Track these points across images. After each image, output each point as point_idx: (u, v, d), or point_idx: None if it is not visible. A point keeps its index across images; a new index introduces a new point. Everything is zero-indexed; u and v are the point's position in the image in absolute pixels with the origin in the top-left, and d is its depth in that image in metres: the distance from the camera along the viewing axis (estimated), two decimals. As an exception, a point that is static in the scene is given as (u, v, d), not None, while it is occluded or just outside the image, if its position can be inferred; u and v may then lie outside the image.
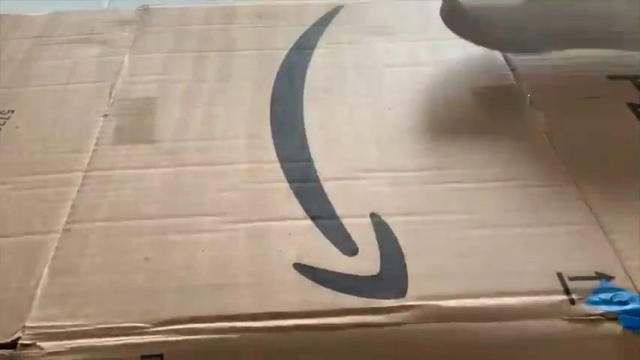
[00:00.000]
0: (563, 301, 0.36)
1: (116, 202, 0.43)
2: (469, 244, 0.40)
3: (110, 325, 0.35)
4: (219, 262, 0.39)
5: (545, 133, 0.48)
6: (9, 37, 0.62)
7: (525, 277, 0.38)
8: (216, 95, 0.54)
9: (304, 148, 0.48)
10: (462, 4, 0.53)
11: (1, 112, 0.52)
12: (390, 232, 0.41)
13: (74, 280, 0.38)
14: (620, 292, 0.36)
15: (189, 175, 0.46)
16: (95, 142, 0.49)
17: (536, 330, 0.35)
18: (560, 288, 0.37)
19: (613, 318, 0.35)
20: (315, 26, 0.63)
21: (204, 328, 0.35)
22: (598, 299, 0.36)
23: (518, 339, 0.35)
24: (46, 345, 0.34)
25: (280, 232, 0.41)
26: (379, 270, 0.39)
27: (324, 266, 0.39)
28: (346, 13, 0.65)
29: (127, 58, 0.59)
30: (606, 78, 0.54)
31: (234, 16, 0.65)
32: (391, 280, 0.38)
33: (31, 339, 0.34)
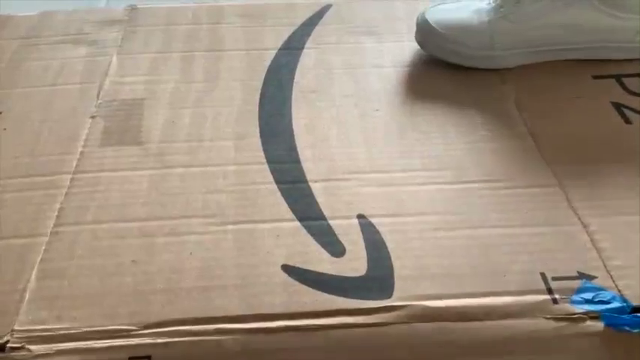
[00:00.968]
0: (546, 301, 0.37)
1: (103, 204, 0.43)
2: (454, 244, 0.40)
3: (98, 328, 0.35)
4: (206, 264, 0.39)
5: (530, 134, 0.49)
6: (-4, 37, 0.62)
7: (509, 278, 0.38)
8: (205, 96, 0.54)
9: (292, 149, 0.48)
10: (434, 26, 0.54)
11: (-12, 114, 0.52)
12: (377, 232, 0.42)
13: (62, 284, 0.38)
14: (602, 292, 0.37)
15: (176, 177, 0.46)
16: (83, 144, 0.49)
17: (521, 329, 0.36)
18: (544, 288, 0.37)
19: (595, 316, 0.36)
20: (304, 26, 0.63)
21: (191, 330, 0.35)
22: (580, 299, 0.36)
23: (502, 338, 0.36)
24: (35, 348, 0.34)
25: (268, 233, 0.41)
26: (366, 271, 0.39)
27: (311, 267, 0.39)
28: (334, 12, 0.65)
29: (114, 58, 0.59)
30: (591, 78, 0.54)
31: (222, 16, 0.65)
32: (378, 281, 0.38)
33: (20, 342, 0.34)
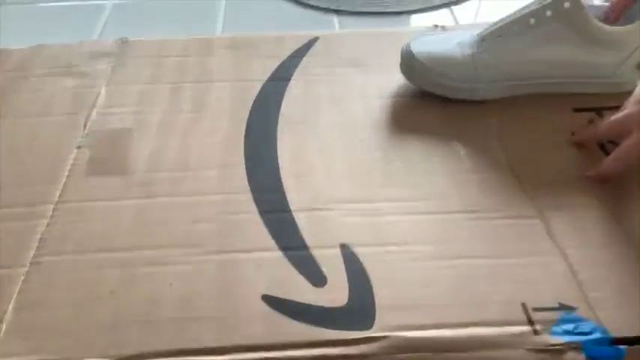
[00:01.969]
0: (527, 332, 0.36)
1: (85, 234, 0.43)
2: (436, 274, 0.40)
3: (73, 360, 0.35)
4: (186, 295, 0.39)
5: (511, 165, 0.49)
6: (-12, 70, 0.63)
7: (490, 308, 0.38)
8: (191, 126, 0.55)
9: (276, 179, 0.49)
10: (418, 58, 0.55)
11: (-25, 144, 0.52)
12: (359, 262, 0.42)
13: (39, 315, 0.38)
14: (583, 323, 0.37)
15: (160, 207, 0.46)
16: (67, 173, 0.49)
17: (502, 360, 0.36)
18: (524, 318, 0.37)
19: (576, 347, 0.36)
20: (291, 58, 0.64)
21: (168, 362, 0.35)
22: (561, 330, 0.36)
23: (484, 370, 0.36)
24: (9, 381, 0.34)
25: (250, 263, 0.41)
26: (347, 301, 0.39)
27: (292, 298, 0.39)
28: (322, 45, 0.67)
29: (103, 90, 0.59)
30: (572, 110, 0.55)
31: (211, 48, 0.66)
32: (359, 312, 0.38)
33: (-6, 374, 0.34)
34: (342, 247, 0.43)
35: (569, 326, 0.36)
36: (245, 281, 0.40)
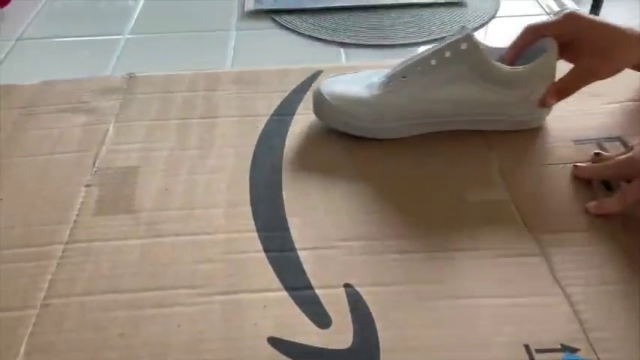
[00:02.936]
0: (530, 374, 0.37)
1: (94, 275, 0.44)
2: (439, 315, 0.41)
3: (83, 405, 0.35)
4: (193, 337, 0.40)
5: (514, 201, 0.50)
6: (-1, 106, 0.64)
7: (493, 349, 0.38)
8: (198, 163, 0.56)
9: (281, 217, 0.49)
10: (327, 98, 0.57)
11: (-14, 183, 0.53)
12: (363, 302, 0.42)
13: (50, 358, 0.38)
14: (585, 365, 0.37)
15: (167, 246, 0.47)
16: (77, 213, 0.50)
17: (506, 402, 0.36)
18: (528, 360, 0.38)
19: (579, 390, 0.36)
20: (295, 92, 0.66)
21: (176, 407, 0.35)
22: (564, 372, 0.37)
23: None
24: None
25: (255, 304, 0.42)
26: (352, 343, 0.40)
27: (297, 340, 0.40)
28: (324, 78, 0.68)
29: (111, 126, 0.60)
30: (573, 142, 0.56)
31: (217, 83, 0.68)
32: (363, 354, 0.39)
33: (5, 420, 0.35)
34: (347, 286, 0.43)
35: (571, 368, 0.37)
36: (251, 323, 0.41)
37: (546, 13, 0.86)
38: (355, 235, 0.47)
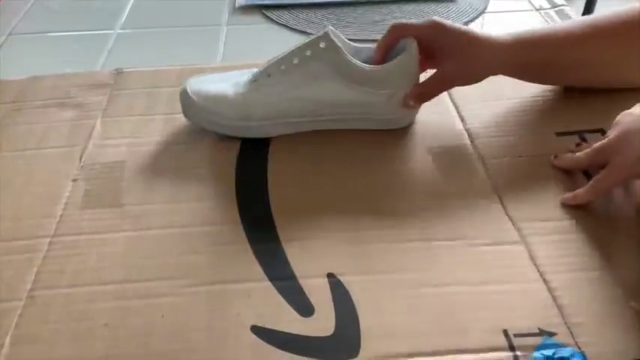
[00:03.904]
0: (507, 358, 0.37)
1: (80, 268, 0.44)
2: (420, 302, 0.41)
3: (67, 394, 0.36)
4: (177, 327, 0.40)
5: (496, 192, 0.50)
6: (-15, 102, 0.64)
7: (472, 335, 0.39)
8: (184, 157, 0.56)
9: (266, 207, 0.50)
10: (192, 97, 0.56)
11: (-27, 179, 0.53)
12: (346, 291, 0.43)
13: (35, 349, 0.39)
14: (562, 348, 0.38)
15: (153, 239, 0.47)
16: (63, 207, 0.50)
17: (484, 387, 0.37)
18: (506, 345, 0.38)
19: (556, 373, 0.37)
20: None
21: (159, 394, 0.36)
22: (541, 355, 0.37)
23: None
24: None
25: (239, 294, 0.43)
26: (334, 330, 0.40)
27: (280, 328, 0.40)
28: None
29: (99, 121, 0.61)
30: (554, 134, 0.56)
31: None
32: (345, 341, 0.39)
33: (-10, 409, 0.35)
34: (329, 276, 0.44)
35: (548, 351, 0.37)
36: (235, 312, 0.41)
37: (535, 9, 0.86)
38: (338, 226, 0.48)
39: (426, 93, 0.56)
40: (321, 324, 0.40)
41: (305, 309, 0.41)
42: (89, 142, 0.58)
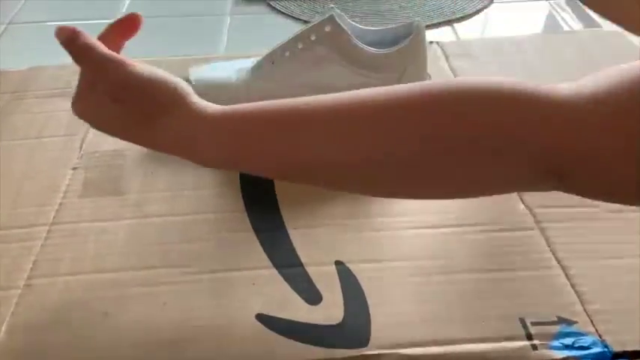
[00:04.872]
0: (525, 347, 0.36)
1: (78, 255, 0.43)
2: (432, 290, 0.40)
3: (65, 384, 0.34)
4: (180, 315, 0.39)
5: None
6: (-14, 92, 0.63)
7: (488, 323, 0.37)
8: (187, 145, 0.55)
9: (271, 195, 0.48)
10: (195, 84, 0.55)
11: (-28, 167, 0.52)
12: (355, 279, 0.41)
13: (32, 338, 0.37)
14: (582, 337, 0.36)
15: (154, 227, 0.46)
16: (62, 195, 0.49)
17: (501, 377, 0.35)
18: (523, 333, 0.36)
19: (576, 362, 0.35)
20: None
21: (161, 384, 0.34)
22: (560, 344, 0.36)
23: (482, 386, 0.35)
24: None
25: (244, 281, 0.41)
26: (342, 318, 0.39)
27: (287, 316, 0.39)
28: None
29: (100, 110, 0.59)
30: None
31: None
32: (354, 329, 0.38)
33: (-16, 400, 0.34)
34: (338, 263, 0.42)
35: (568, 340, 0.36)
36: (239, 300, 0.40)
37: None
38: (346, 214, 0.46)
39: None
40: (330, 312, 0.39)
41: (312, 297, 0.40)
42: (89, 130, 0.57)
